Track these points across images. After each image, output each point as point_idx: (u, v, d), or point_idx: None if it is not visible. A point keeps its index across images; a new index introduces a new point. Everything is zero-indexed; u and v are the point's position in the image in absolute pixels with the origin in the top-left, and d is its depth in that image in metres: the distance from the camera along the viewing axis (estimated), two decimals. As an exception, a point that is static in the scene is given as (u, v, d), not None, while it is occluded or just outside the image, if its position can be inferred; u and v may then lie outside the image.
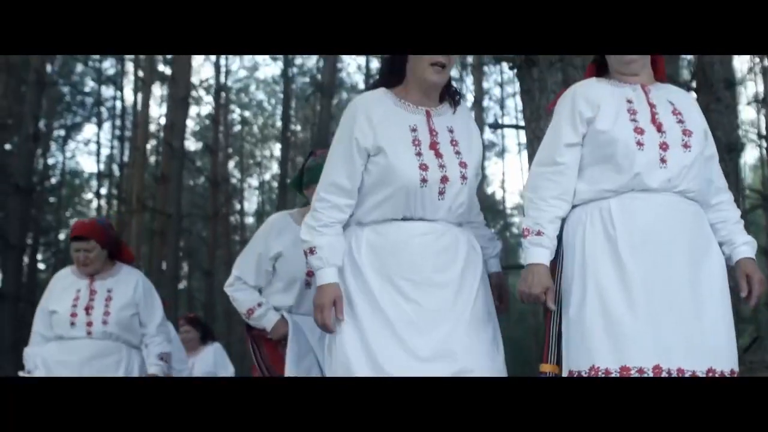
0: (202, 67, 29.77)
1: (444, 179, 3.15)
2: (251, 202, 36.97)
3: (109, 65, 28.72)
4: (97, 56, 29.00)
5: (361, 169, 3.17)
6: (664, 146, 3.06)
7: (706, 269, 3.05)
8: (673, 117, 3.14)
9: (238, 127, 34.49)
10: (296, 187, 4.49)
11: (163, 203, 18.39)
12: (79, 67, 30.48)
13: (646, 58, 3.26)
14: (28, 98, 18.64)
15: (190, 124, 32.00)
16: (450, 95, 3.37)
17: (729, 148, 7.61)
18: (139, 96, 22.80)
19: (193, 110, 30.46)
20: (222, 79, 27.50)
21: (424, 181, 3.11)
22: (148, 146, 25.59)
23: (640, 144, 3.04)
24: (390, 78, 3.33)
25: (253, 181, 36.42)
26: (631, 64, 3.21)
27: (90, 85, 30.72)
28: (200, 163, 29.96)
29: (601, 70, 3.32)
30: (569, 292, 3.04)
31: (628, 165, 3.03)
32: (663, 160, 3.05)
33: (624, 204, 3.04)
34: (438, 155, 3.17)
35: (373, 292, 3.12)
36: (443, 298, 3.13)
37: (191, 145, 33.39)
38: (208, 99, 27.96)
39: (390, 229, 3.18)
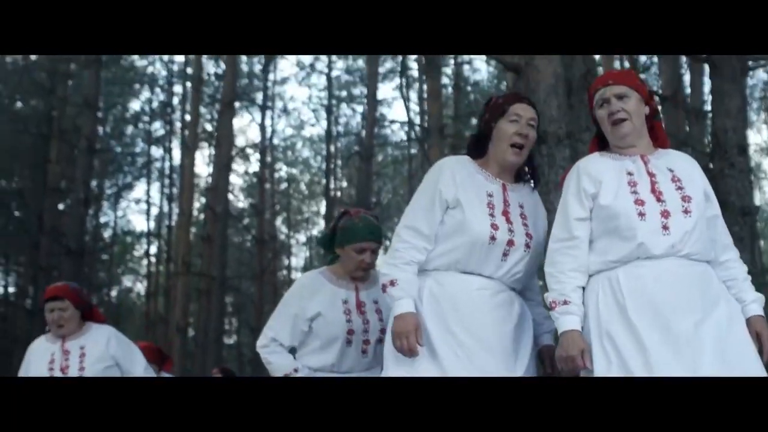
0: (248, 128, 30.21)
1: (510, 242, 3.37)
2: (299, 258, 37.35)
3: (158, 126, 29.48)
4: (147, 118, 29.86)
5: (439, 218, 3.41)
6: (665, 214, 3.18)
7: (714, 319, 3.11)
8: (672, 184, 3.26)
9: (285, 185, 34.99)
10: (325, 245, 4.42)
11: (208, 264, 18.76)
12: (130, 129, 31.26)
13: (641, 129, 3.37)
14: (80, 164, 19.23)
15: (239, 182, 32.70)
16: (524, 177, 3.61)
17: (743, 212, 7.72)
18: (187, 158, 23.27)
19: (241, 168, 31.17)
20: (268, 137, 27.96)
21: (492, 238, 3.33)
22: (198, 204, 26.22)
23: (641, 215, 3.17)
24: (474, 151, 3.58)
25: (301, 237, 36.85)
26: (626, 137, 3.33)
27: (140, 145, 31.44)
28: (248, 220, 30.35)
29: (604, 144, 3.45)
30: (591, 356, 3.16)
31: (631, 235, 3.16)
32: (665, 228, 3.16)
33: (630, 273, 3.16)
34: (508, 221, 3.40)
35: (431, 338, 3.30)
36: (498, 348, 3.31)
37: (240, 202, 34.06)
38: (257, 156, 28.37)
39: (450, 280, 3.38)
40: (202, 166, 33.20)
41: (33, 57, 25.66)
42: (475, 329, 3.30)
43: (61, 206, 22.64)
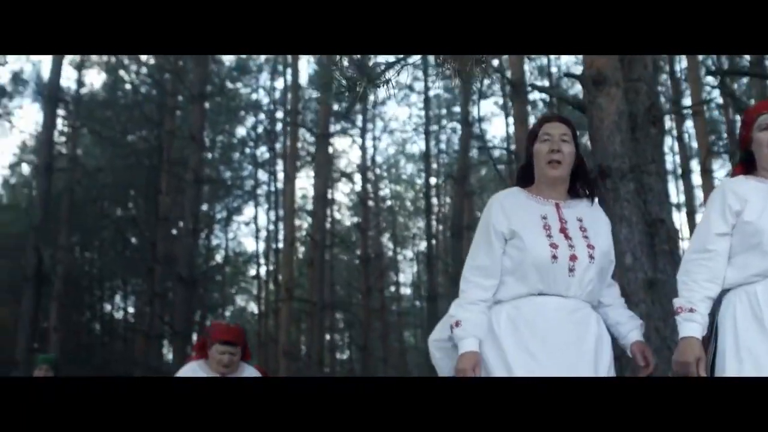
0: (351, 149, 30.80)
1: (573, 257, 3.42)
2: (407, 274, 37.81)
3: (264, 150, 30.32)
4: (253, 143, 30.78)
5: (500, 252, 3.51)
6: None
7: None
8: None
9: (389, 202, 35.50)
10: None
11: (311, 289, 19.31)
12: (237, 155, 32.25)
13: None
14: (187, 195, 20.08)
15: (345, 200, 33.37)
16: (579, 192, 3.70)
17: None
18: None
19: (346, 187, 31.82)
20: (370, 157, 28.46)
21: (554, 257, 3.40)
22: (306, 224, 26.87)
23: None
24: (524, 180, 3.71)
25: (408, 253, 37.27)
26: None
27: (248, 169, 32.38)
28: (355, 238, 30.89)
29: (748, 169, 3.59)
30: (723, 366, 3.26)
31: None
32: None
33: None
34: (567, 237, 3.47)
35: (508, 359, 3.35)
36: (577, 366, 3.34)
37: (347, 221, 34.71)
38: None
39: (527, 304, 3.44)
40: (310, 187, 33.85)
41: (143, 90, 26.96)
42: (554, 349, 3.35)
43: (174, 231, 23.57)
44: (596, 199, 3.79)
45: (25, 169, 32.12)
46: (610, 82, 7.29)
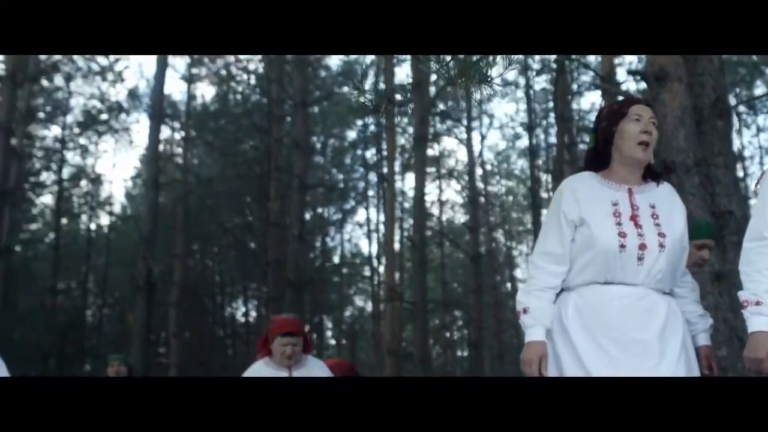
0: (458, 147, 30.91)
1: (642, 246, 3.32)
2: (523, 269, 37.65)
3: (373, 153, 30.79)
4: (362, 145, 31.29)
5: (569, 238, 3.42)
6: None
7: None
8: None
9: (503, 198, 35.47)
10: None
11: (417, 289, 19.57)
12: (348, 158, 32.85)
13: None
14: (294, 200, 20.65)
15: (458, 199, 33.51)
16: (652, 176, 3.56)
17: None
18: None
19: (458, 185, 31.96)
20: (478, 154, 28.54)
21: (622, 246, 3.30)
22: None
23: None
24: (596, 163, 3.56)
25: (524, 248, 37.19)
26: None
27: (360, 171, 32.92)
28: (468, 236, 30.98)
29: None
30: None
31: None
32: None
33: None
34: (637, 226, 3.35)
35: (578, 349, 3.31)
36: (644, 353, 3.25)
37: (461, 217, 34.83)
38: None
39: (593, 292, 3.37)
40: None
41: (253, 99, 27.75)
42: (620, 337, 3.28)
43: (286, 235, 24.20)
44: (666, 183, 3.65)
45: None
46: (673, 78, 7.34)
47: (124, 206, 36.27)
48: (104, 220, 34.56)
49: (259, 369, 5.51)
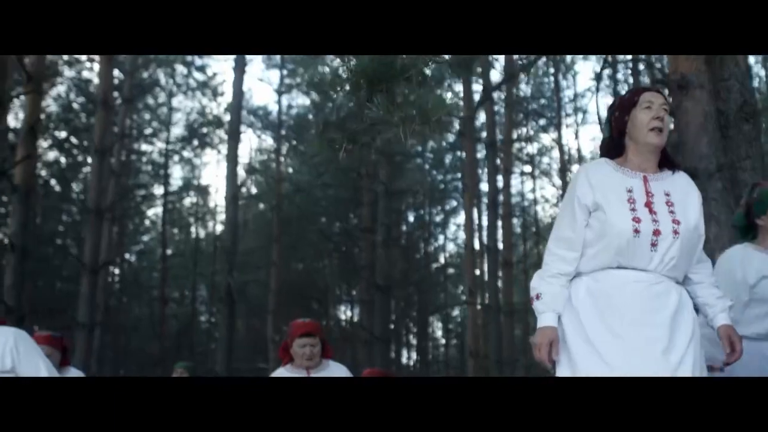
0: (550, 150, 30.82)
1: (656, 232, 3.33)
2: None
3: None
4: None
5: (583, 224, 3.44)
6: None
7: None
8: None
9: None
10: (741, 221, 4.58)
11: (504, 292, 19.75)
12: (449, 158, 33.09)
13: None
14: (381, 207, 21.09)
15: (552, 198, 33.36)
16: (668, 164, 3.59)
17: None
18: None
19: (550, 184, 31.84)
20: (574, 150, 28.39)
21: (636, 232, 3.31)
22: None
23: None
24: (611, 151, 3.61)
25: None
26: None
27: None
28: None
29: None
30: None
31: None
32: None
33: None
34: (652, 212, 3.37)
35: (587, 331, 3.32)
36: (653, 338, 3.26)
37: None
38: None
39: (606, 276, 3.39)
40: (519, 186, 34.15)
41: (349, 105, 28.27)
42: (630, 320, 3.29)
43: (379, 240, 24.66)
44: (682, 171, 3.67)
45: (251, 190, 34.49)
46: (694, 85, 7.43)
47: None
48: (215, 228, 35.84)
49: (280, 374, 5.58)
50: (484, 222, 26.13)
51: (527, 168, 30.82)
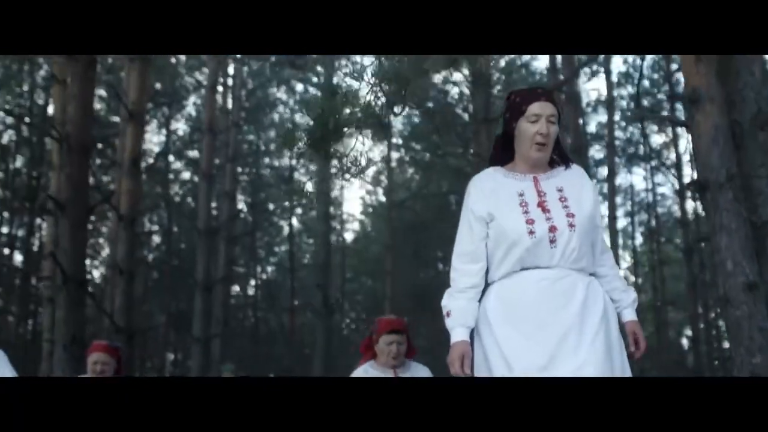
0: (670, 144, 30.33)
1: (552, 229, 3.38)
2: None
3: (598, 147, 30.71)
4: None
5: (482, 235, 3.50)
6: None
7: None
8: None
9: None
10: None
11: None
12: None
13: None
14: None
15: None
16: (560, 160, 3.63)
17: None
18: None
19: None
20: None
21: (531, 233, 3.36)
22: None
23: None
24: (501, 158, 3.64)
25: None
26: None
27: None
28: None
29: None
30: None
31: None
32: None
33: None
34: (545, 211, 3.42)
35: (498, 337, 3.36)
36: (563, 335, 3.29)
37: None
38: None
39: (511, 281, 3.43)
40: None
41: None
42: (538, 320, 3.32)
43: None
44: (576, 165, 3.71)
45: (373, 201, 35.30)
46: (705, 99, 7.67)
47: (364, 223, 38.05)
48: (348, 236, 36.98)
49: (364, 371, 5.39)
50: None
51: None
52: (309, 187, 8.20)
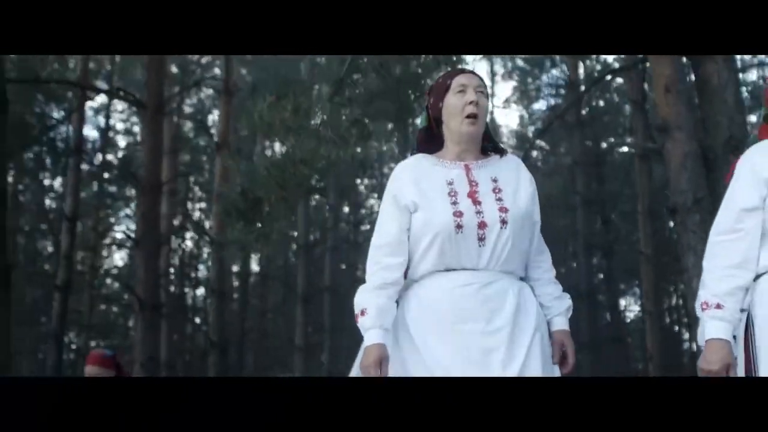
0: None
1: (482, 224, 3.03)
2: None
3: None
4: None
5: (404, 226, 3.12)
6: None
7: None
8: None
9: None
10: None
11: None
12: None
13: None
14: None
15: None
16: (493, 149, 3.31)
17: None
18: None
19: None
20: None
21: (459, 227, 3.02)
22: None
23: None
24: (429, 146, 3.30)
25: None
26: None
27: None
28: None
29: None
30: (759, 370, 2.76)
31: None
32: None
33: None
34: (476, 202, 3.07)
35: (418, 346, 3.03)
36: (490, 348, 2.96)
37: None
38: None
39: (433, 282, 3.08)
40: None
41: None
42: (463, 331, 2.98)
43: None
44: (511, 154, 3.39)
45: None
46: (673, 128, 8.23)
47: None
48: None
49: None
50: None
51: None
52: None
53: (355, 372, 4.23)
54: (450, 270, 3.07)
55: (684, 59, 8.92)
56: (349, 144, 6.49)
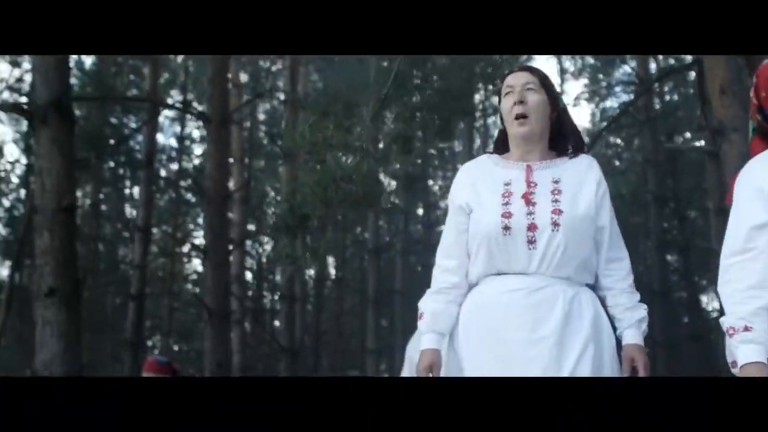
0: None
1: (531, 227, 2.92)
2: None
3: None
4: None
5: (462, 228, 3.07)
6: None
7: None
8: None
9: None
10: None
11: None
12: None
13: None
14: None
15: None
16: (563, 147, 3.18)
17: None
18: None
19: None
20: None
21: (506, 228, 2.93)
22: None
23: None
24: (503, 146, 3.22)
25: None
26: None
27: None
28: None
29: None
30: None
31: None
32: None
33: None
34: (529, 204, 2.96)
35: (462, 351, 3.00)
36: (532, 356, 2.84)
37: None
38: None
39: (486, 286, 3.02)
40: None
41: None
42: (509, 339, 2.88)
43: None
44: (586, 155, 3.21)
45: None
46: (729, 129, 8.17)
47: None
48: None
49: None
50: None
51: None
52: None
53: (407, 371, 4.42)
54: (501, 274, 2.98)
55: (740, 59, 8.84)
56: (389, 160, 6.58)
